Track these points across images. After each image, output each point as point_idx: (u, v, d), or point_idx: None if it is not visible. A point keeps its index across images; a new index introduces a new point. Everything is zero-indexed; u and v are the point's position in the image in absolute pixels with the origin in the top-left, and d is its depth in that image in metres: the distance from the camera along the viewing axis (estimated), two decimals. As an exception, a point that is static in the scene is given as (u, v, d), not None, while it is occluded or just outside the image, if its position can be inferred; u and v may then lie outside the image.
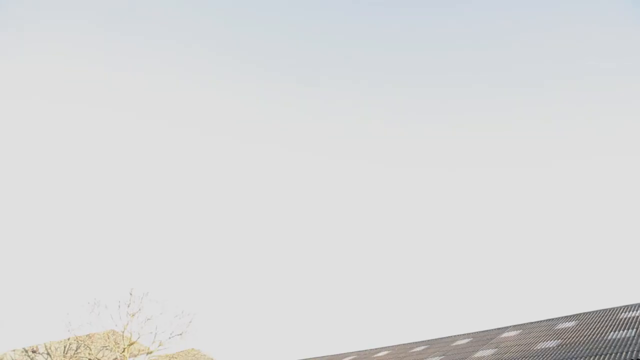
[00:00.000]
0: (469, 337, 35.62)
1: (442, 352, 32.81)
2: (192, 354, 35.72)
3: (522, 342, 28.68)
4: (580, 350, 22.83)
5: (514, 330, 32.79)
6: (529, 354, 25.23)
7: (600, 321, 27.83)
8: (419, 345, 38.55)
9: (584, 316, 30.41)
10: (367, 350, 44.28)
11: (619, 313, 28.53)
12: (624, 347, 21.28)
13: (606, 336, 24.17)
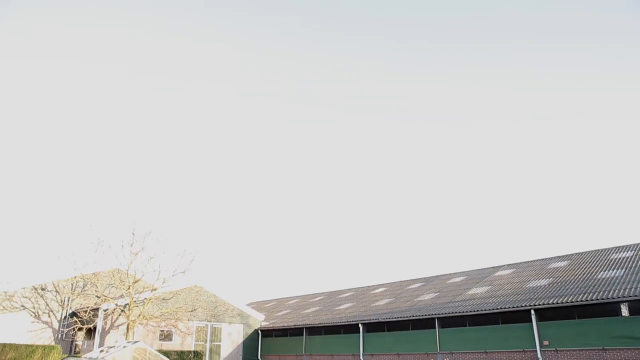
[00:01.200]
0: (463, 275, 36.71)
1: (438, 289, 33.89)
2: (195, 291, 36.87)
3: (515, 280, 29.57)
4: (571, 288, 23.57)
5: (508, 269, 33.74)
6: (521, 291, 26.07)
7: (592, 261, 28.61)
8: (415, 283, 39.79)
9: (576, 256, 31.24)
10: (365, 287, 45.79)
11: (610, 254, 29.25)
12: (612, 286, 21.98)
13: (596, 275, 24.89)
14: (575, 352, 21.28)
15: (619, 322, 20.46)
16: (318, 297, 47.28)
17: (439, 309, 27.62)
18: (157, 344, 32.58)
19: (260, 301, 58.02)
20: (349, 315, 33.49)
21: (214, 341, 37.24)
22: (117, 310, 31.99)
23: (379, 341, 29.78)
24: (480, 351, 24.53)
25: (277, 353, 37.46)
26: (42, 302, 32.87)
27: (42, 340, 31.22)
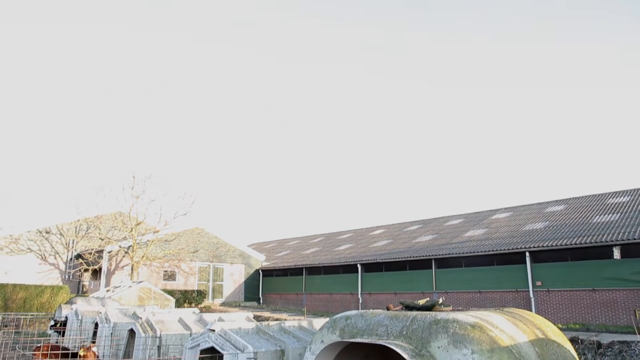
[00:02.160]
0: (461, 217, 37.25)
1: (435, 231, 34.50)
2: (197, 232, 37.55)
3: (512, 223, 30.04)
4: (566, 232, 23.99)
5: (505, 213, 34.21)
6: (517, 234, 26.56)
7: (588, 205, 28.94)
8: (413, 225, 40.45)
9: (573, 201, 31.57)
10: (364, 228, 46.61)
11: (607, 198, 29.54)
12: (607, 230, 22.34)
13: (592, 219, 25.26)
14: (566, 292, 22.03)
15: (610, 264, 21.03)
16: (317, 239, 48.24)
17: (436, 251, 28.25)
18: (161, 284, 33.61)
19: (260, 242, 59.27)
20: (348, 256, 34.30)
21: (216, 281, 38.41)
22: (121, 252, 32.71)
23: (377, 281, 30.73)
24: (474, 291, 25.37)
25: (278, 292, 38.75)
26: (47, 245, 33.52)
27: (50, 281, 32.16)
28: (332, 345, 5.67)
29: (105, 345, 10.53)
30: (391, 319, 5.28)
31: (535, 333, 5.22)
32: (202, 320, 10.23)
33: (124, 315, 11.72)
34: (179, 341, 8.91)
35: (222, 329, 7.21)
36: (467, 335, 4.51)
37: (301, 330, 7.91)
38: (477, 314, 5.09)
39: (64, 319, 13.32)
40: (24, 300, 24.94)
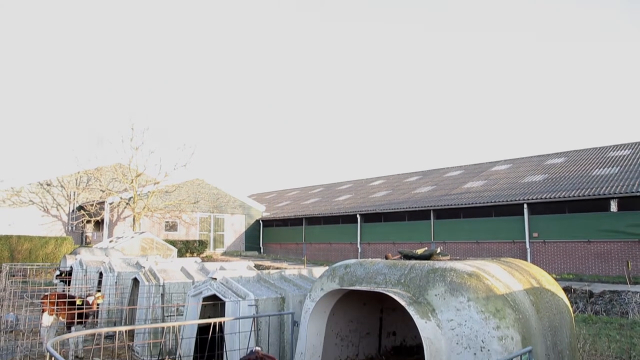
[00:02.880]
0: (460, 169, 37.30)
1: (435, 182, 34.64)
2: (197, 184, 37.72)
3: (511, 175, 30.12)
4: (565, 184, 24.09)
5: (505, 165, 34.22)
6: (516, 186, 26.68)
7: (588, 158, 28.91)
8: (412, 176, 40.57)
9: (573, 153, 31.50)
10: (364, 179, 46.76)
11: (607, 152, 29.46)
12: (606, 183, 22.43)
13: (591, 172, 25.31)
14: (562, 243, 22.39)
15: (607, 217, 21.25)
16: (317, 189, 48.50)
17: (434, 202, 28.48)
18: (163, 234, 34.10)
19: (260, 193, 59.63)
20: (348, 207, 34.61)
21: (217, 231, 38.94)
22: (122, 203, 32.96)
23: (376, 231, 31.16)
24: (472, 241, 25.77)
25: (278, 241, 39.37)
26: (49, 197, 33.74)
27: (53, 232, 32.60)
28: (332, 292, 5.79)
29: (110, 293, 10.79)
30: (390, 267, 5.37)
31: (530, 282, 5.32)
32: (204, 269, 10.43)
33: (127, 265, 11.94)
34: (182, 289, 9.11)
35: (223, 277, 7.35)
36: (464, 283, 4.60)
37: (301, 279, 8.07)
38: (474, 263, 5.17)
39: (69, 269, 13.59)
40: (29, 251, 25.38)
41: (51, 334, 8.77)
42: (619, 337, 9.91)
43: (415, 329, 4.58)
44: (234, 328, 6.47)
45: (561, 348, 5.11)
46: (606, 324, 11.97)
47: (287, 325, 6.88)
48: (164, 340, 7.50)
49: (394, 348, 7.86)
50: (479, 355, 4.32)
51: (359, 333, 7.25)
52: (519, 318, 4.44)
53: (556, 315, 5.22)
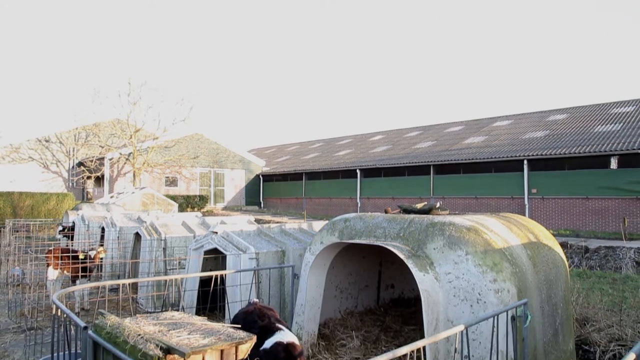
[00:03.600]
0: (461, 124, 37.06)
1: (435, 138, 34.51)
2: (196, 139, 37.58)
3: (512, 131, 29.95)
4: (566, 141, 24.00)
5: (506, 120, 33.97)
6: (517, 142, 26.60)
7: (591, 115, 28.64)
8: (413, 131, 40.38)
9: (575, 110, 31.17)
10: (364, 134, 46.56)
11: (610, 108, 29.14)
12: (607, 140, 22.34)
13: (593, 129, 25.14)
14: (560, 200, 22.54)
15: (606, 174, 21.29)
16: (317, 144, 48.37)
17: (434, 157, 28.47)
18: (163, 190, 34.28)
19: (260, 148, 59.50)
20: (348, 161, 34.64)
21: (217, 186, 39.12)
22: (122, 159, 32.94)
23: (376, 186, 31.31)
24: (471, 197, 25.93)
25: (278, 196, 39.63)
26: (48, 154, 33.66)
27: (54, 188, 32.74)
28: (331, 246, 5.85)
29: (112, 248, 10.93)
30: (389, 221, 5.40)
31: (528, 237, 5.37)
32: (205, 223, 10.53)
33: (129, 220, 12.04)
34: (183, 243, 9.22)
35: (224, 231, 7.42)
36: (463, 237, 4.63)
37: (301, 232, 8.15)
38: (473, 218, 5.20)
39: (71, 224, 13.72)
40: (31, 207, 25.55)
41: (57, 287, 8.95)
42: (611, 291, 10.13)
43: (413, 281, 4.66)
44: (235, 281, 6.60)
45: (555, 301, 5.21)
46: (600, 278, 12.21)
47: (287, 278, 7.00)
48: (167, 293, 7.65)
49: (392, 300, 8.04)
50: (475, 307, 4.40)
51: (358, 286, 7.39)
52: (515, 272, 4.50)
53: (552, 269, 5.30)
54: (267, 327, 4.00)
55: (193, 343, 3.05)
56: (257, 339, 3.69)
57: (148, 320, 3.58)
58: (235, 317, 4.42)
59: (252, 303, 4.56)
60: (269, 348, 3.69)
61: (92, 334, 3.29)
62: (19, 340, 7.39)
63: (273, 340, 3.74)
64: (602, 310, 7.98)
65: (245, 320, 4.14)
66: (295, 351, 3.64)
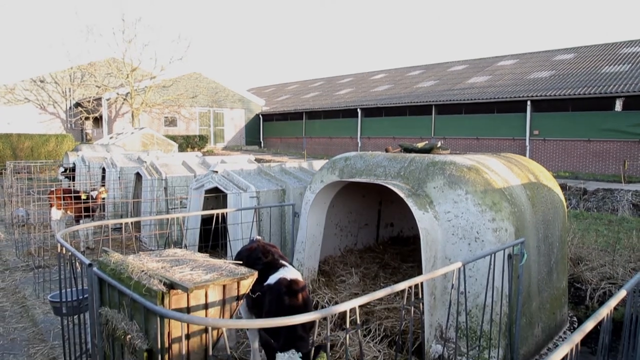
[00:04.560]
0: (465, 63, 36.24)
1: (438, 77, 33.87)
2: (194, 77, 36.88)
3: (517, 70, 29.32)
4: (571, 82, 23.54)
5: (511, 59, 33.15)
6: (521, 82, 26.12)
7: (599, 55, 27.86)
8: (415, 70, 39.56)
9: (583, 49, 30.27)
10: (365, 73, 45.66)
11: (619, 48, 28.28)
12: (614, 81, 21.88)
13: (600, 69, 24.56)
14: (562, 142, 22.42)
15: (610, 116, 21.03)
16: (317, 83, 47.55)
17: (437, 97, 28.07)
18: (163, 130, 34.06)
19: (260, 87, 58.53)
20: (348, 100, 34.22)
21: (217, 126, 38.85)
22: (120, 99, 32.47)
23: (376, 125, 31.09)
24: (472, 138, 25.80)
25: (278, 136, 39.43)
26: (44, 94, 33.13)
27: (53, 130, 32.48)
28: (332, 184, 5.87)
29: (114, 188, 11.00)
30: (389, 160, 5.38)
31: (528, 177, 5.36)
32: (205, 162, 10.53)
33: (129, 160, 12.04)
34: (184, 183, 9.26)
35: (224, 170, 7.43)
36: (463, 176, 4.63)
37: (301, 171, 8.17)
38: (474, 157, 5.17)
39: (72, 165, 13.72)
40: (30, 149, 25.48)
41: (61, 227, 9.09)
42: (606, 232, 10.30)
43: (413, 220, 4.70)
44: (236, 219, 6.67)
45: (552, 240, 5.29)
46: (596, 219, 12.39)
47: (288, 216, 7.08)
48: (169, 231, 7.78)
49: (391, 238, 8.19)
50: (473, 245, 4.47)
51: (358, 224, 7.50)
52: (514, 211, 4.53)
53: (550, 209, 5.34)
54: (271, 263, 4.07)
55: (196, 278, 3.11)
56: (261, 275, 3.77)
57: (151, 257, 3.64)
58: (239, 254, 4.50)
59: (255, 240, 4.63)
60: (273, 284, 3.77)
61: (96, 271, 3.36)
62: (28, 277, 7.61)
63: (277, 276, 3.81)
64: (596, 250, 8.15)
65: (249, 257, 4.21)
66: (298, 286, 3.72)
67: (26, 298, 6.69)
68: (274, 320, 2.65)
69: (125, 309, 3.20)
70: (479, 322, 4.32)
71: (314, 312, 2.61)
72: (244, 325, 3.54)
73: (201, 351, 3.15)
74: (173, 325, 2.94)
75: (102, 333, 3.39)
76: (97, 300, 3.39)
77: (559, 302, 5.47)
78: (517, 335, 4.45)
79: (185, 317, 2.70)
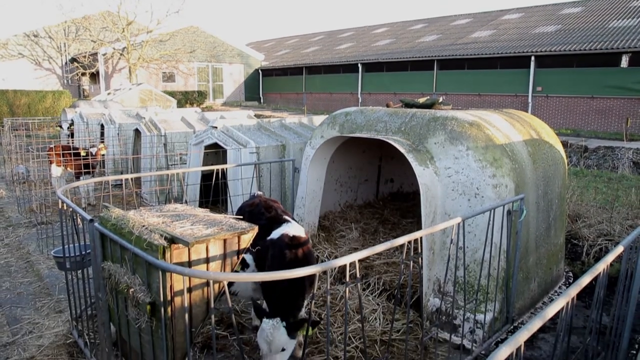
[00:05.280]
0: (469, 17, 35.34)
1: (440, 31, 33.13)
2: (192, 31, 36.08)
3: (522, 25, 28.61)
4: (578, 37, 23.00)
5: (516, 13, 32.28)
6: (526, 37, 25.55)
7: (608, 8, 26.99)
8: (417, 24, 38.65)
9: (591, 3, 29.32)
10: (366, 27, 44.62)
11: (630, 1, 27.36)
12: (621, 36, 21.33)
13: (608, 24, 23.91)
14: (565, 98, 22.15)
15: (615, 72, 20.64)
16: (318, 37, 46.54)
17: (439, 51, 27.55)
18: (161, 86, 33.62)
19: (259, 41, 57.29)
20: (349, 55, 33.62)
21: (216, 81, 38.32)
22: (116, 54, 31.86)
23: (377, 81, 30.68)
24: (474, 94, 25.50)
25: (278, 91, 38.97)
26: (38, 50, 32.43)
27: (49, 86, 32.01)
28: (332, 140, 5.83)
29: (113, 145, 10.95)
30: (390, 115, 5.32)
31: (530, 133, 5.31)
32: (204, 118, 10.43)
33: (127, 117, 11.92)
34: (184, 139, 9.21)
35: (224, 125, 7.36)
36: (464, 132, 4.58)
37: (301, 127, 8.10)
38: (476, 113, 5.11)
39: (70, 121, 13.60)
40: (27, 106, 25.21)
41: (61, 184, 9.10)
42: (605, 190, 10.33)
43: (413, 176, 4.70)
44: (236, 175, 6.67)
45: (551, 197, 5.30)
46: (596, 177, 12.40)
47: (288, 172, 7.08)
48: (170, 187, 7.80)
49: (391, 194, 8.22)
50: (473, 201, 4.48)
51: (358, 180, 7.51)
52: (514, 168, 4.51)
53: (551, 166, 5.32)
54: (275, 218, 4.08)
55: (196, 233, 3.13)
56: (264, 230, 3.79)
57: (152, 212, 3.65)
58: (240, 209, 4.50)
59: (256, 196, 4.62)
60: (276, 239, 3.79)
61: (98, 226, 3.38)
62: (32, 233, 7.69)
63: (280, 231, 3.83)
64: (594, 207, 8.20)
65: (251, 213, 4.21)
66: (300, 242, 3.75)
67: (30, 254, 6.78)
68: (273, 274, 2.69)
69: (127, 264, 3.24)
70: (476, 276, 4.39)
71: (314, 265, 2.63)
72: (244, 278, 3.60)
73: (203, 304, 3.21)
74: (175, 279, 2.98)
75: (106, 287, 3.45)
76: (99, 255, 3.43)
77: (555, 258, 5.55)
78: (513, 290, 4.53)
79: (186, 270, 2.73)
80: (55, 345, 4.27)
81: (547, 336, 4.52)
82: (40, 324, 4.69)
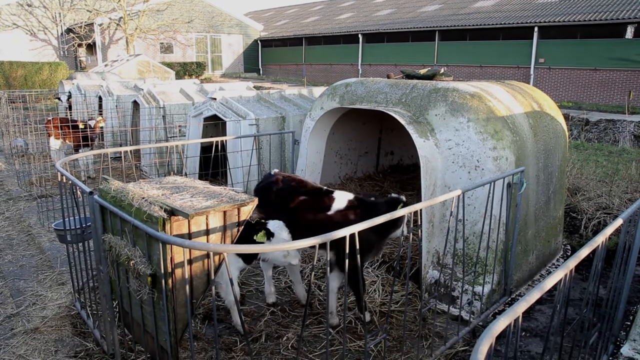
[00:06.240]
0: (472, -14, 34.56)
1: (442, 1, 32.55)
2: (189, 1, 35.41)
3: (526, -7, 28.01)
4: (584, 7, 22.58)
5: (521, -19, 31.56)
6: (530, 7, 25.10)
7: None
8: (419, -6, 37.85)
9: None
10: (366, -3, 43.76)
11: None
12: (629, 6, 20.96)
13: None
14: (567, 70, 21.89)
15: (619, 43, 20.31)
16: (317, 7, 45.69)
17: (440, 22, 27.10)
18: (159, 57, 33.17)
19: (258, 11, 56.29)
20: (349, 25, 33.09)
21: (214, 52, 37.81)
22: (113, 24, 31.32)
23: (378, 52, 30.27)
24: (476, 65, 25.20)
25: (277, 62, 38.50)
26: (33, 20, 31.84)
27: (45, 58, 31.55)
28: (332, 111, 5.78)
29: (111, 117, 10.87)
30: (391, 86, 5.26)
31: (531, 105, 5.26)
32: (203, 90, 10.33)
33: (125, 88, 11.81)
34: (182, 110, 9.14)
35: (223, 97, 7.29)
36: (465, 104, 4.53)
37: (301, 98, 8.03)
38: (478, 84, 5.05)
39: (67, 93, 13.47)
40: (24, 78, 24.89)
41: (60, 156, 9.06)
42: (605, 163, 10.29)
43: (413, 148, 4.67)
44: (236, 147, 6.64)
45: (551, 170, 5.28)
46: (596, 150, 12.35)
47: (287, 144, 7.05)
48: (169, 160, 7.78)
49: (391, 167, 8.20)
50: (473, 173, 4.47)
51: (358, 152, 7.48)
52: (515, 140, 4.48)
53: (552, 139, 5.28)
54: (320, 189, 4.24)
55: (196, 205, 3.13)
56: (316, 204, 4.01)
57: (151, 184, 3.65)
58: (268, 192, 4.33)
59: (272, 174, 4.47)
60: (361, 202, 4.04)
61: (97, 199, 3.37)
62: (32, 207, 7.70)
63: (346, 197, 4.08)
64: (593, 180, 8.19)
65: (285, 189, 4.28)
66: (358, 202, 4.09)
67: (31, 227, 6.81)
68: (274, 246, 2.69)
69: (127, 236, 3.25)
70: (475, 249, 4.42)
71: (314, 237, 2.64)
72: (244, 250, 3.62)
73: (203, 276, 3.23)
74: (175, 251, 2.99)
75: (107, 259, 3.47)
76: (99, 227, 3.44)
77: (554, 230, 5.57)
78: (512, 262, 4.57)
79: (186, 242, 2.73)
80: (58, 317, 4.33)
81: (544, 308, 4.58)
82: (43, 296, 4.74)
